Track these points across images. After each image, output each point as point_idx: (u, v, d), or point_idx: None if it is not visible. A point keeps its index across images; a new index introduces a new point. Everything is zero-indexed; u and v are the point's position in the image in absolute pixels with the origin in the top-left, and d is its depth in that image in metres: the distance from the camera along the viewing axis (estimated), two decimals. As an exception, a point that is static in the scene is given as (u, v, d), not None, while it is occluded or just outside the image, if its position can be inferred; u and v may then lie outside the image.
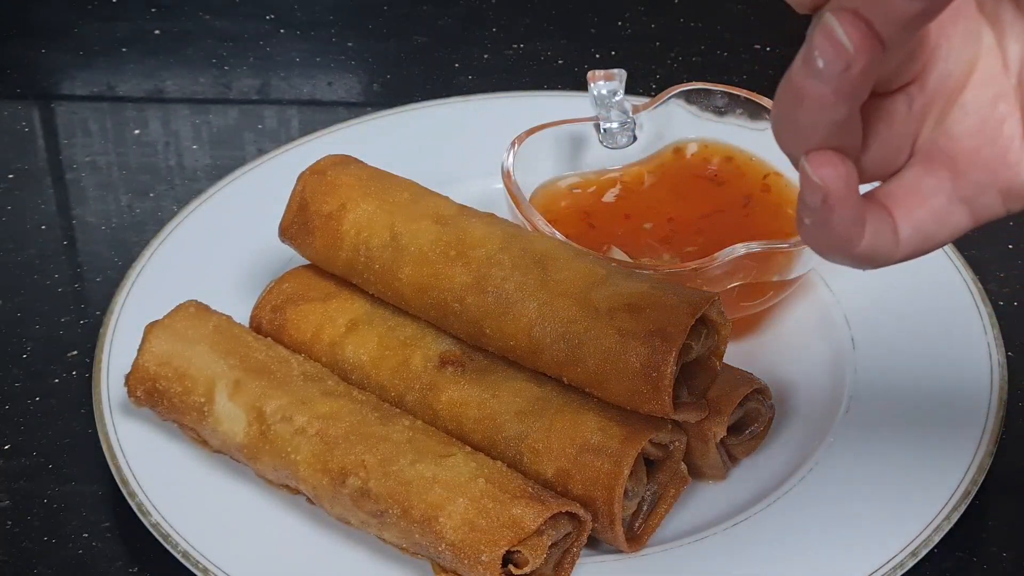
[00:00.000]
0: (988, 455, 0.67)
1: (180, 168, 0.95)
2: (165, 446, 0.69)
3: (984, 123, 0.43)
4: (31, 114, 1.01)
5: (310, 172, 0.74)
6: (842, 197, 0.42)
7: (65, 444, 0.73)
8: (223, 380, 0.68)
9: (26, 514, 0.70)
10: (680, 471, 0.66)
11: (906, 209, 0.44)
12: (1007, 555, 0.67)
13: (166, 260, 0.80)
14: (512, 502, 0.60)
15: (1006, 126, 0.43)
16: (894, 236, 0.44)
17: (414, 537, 0.62)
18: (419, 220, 0.70)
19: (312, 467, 0.64)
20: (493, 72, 1.02)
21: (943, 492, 0.65)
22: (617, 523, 0.62)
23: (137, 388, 0.69)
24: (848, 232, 0.43)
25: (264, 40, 1.07)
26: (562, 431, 0.64)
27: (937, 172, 0.44)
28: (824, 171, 0.42)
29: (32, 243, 0.88)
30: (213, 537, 0.64)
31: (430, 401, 0.67)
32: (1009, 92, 0.43)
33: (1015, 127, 0.43)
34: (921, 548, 0.63)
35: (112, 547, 0.68)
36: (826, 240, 0.43)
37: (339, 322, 0.72)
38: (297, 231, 0.74)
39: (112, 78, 1.04)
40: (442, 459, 0.63)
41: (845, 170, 0.42)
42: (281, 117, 1.01)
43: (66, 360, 0.79)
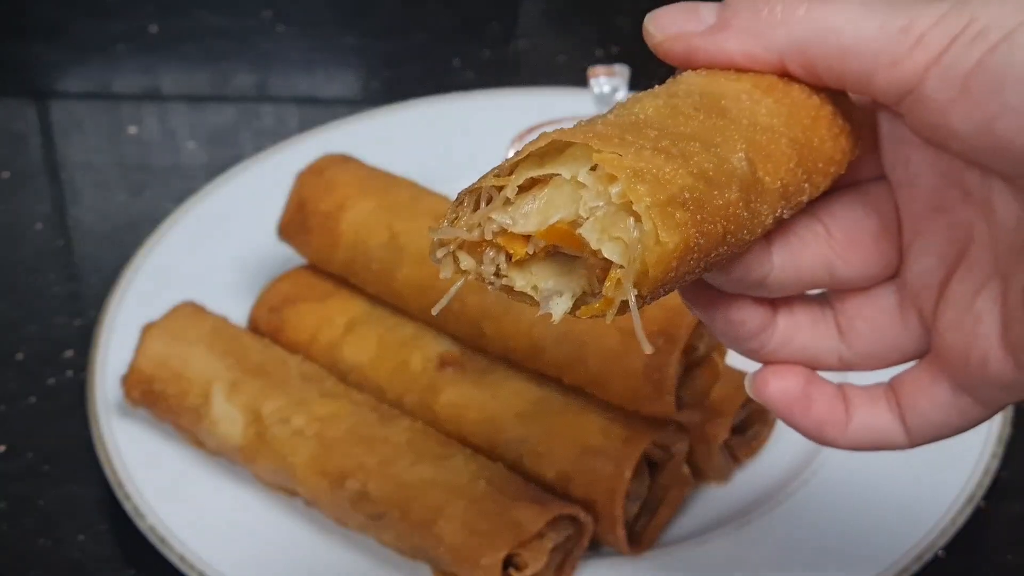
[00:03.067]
0: (994, 457, 0.67)
1: (176, 166, 0.94)
2: (161, 448, 0.69)
3: (962, 319, 0.42)
4: (26, 112, 1.01)
5: (308, 171, 0.74)
6: (783, 409, 0.43)
7: (60, 446, 0.73)
8: (220, 381, 0.67)
9: (21, 517, 0.69)
10: (683, 473, 0.65)
11: (911, 399, 0.43)
12: (1012, 558, 0.66)
13: (162, 259, 0.80)
14: (512, 505, 0.60)
15: (982, 325, 0.41)
16: (899, 425, 0.44)
17: (413, 540, 0.61)
18: (418, 219, 0.70)
19: (310, 469, 0.64)
20: (493, 69, 1.02)
21: (948, 495, 0.65)
22: (619, 526, 0.62)
23: (133, 389, 0.69)
24: (818, 430, 0.44)
25: (262, 37, 1.07)
26: (563, 433, 0.63)
27: (938, 363, 0.43)
28: (759, 392, 0.44)
29: (27, 242, 0.88)
30: (210, 540, 0.64)
31: (429, 402, 0.67)
32: (993, 287, 0.41)
33: (992, 325, 0.41)
34: (926, 551, 0.63)
35: (108, 550, 0.68)
36: (801, 433, 0.44)
37: (337, 322, 0.71)
38: (295, 230, 0.74)
39: (108, 75, 1.04)
40: (442, 461, 0.63)
41: (780, 388, 0.43)
42: (279, 115, 1.00)
43: (61, 361, 0.78)
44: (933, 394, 0.43)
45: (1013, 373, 0.40)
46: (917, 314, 0.43)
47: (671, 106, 0.38)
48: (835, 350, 0.44)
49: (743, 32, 0.39)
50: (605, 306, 0.35)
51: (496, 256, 0.37)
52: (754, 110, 0.39)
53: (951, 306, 0.42)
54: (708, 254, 0.36)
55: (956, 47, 0.37)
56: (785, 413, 0.43)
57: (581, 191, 0.35)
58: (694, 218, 0.35)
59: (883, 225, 0.43)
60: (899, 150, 0.42)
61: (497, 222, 0.36)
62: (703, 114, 0.38)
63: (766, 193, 0.38)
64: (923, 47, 0.37)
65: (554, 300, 0.37)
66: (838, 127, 0.40)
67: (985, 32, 0.36)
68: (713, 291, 0.42)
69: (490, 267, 0.37)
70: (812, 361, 0.44)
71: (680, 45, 0.40)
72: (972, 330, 0.41)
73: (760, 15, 0.39)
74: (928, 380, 0.43)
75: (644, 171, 0.34)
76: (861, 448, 0.44)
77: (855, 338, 0.44)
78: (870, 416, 0.44)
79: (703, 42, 0.40)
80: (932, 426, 0.43)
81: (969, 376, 0.42)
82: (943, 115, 0.37)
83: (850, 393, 0.44)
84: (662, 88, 0.40)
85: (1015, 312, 0.40)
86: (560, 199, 0.35)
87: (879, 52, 0.38)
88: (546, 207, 0.35)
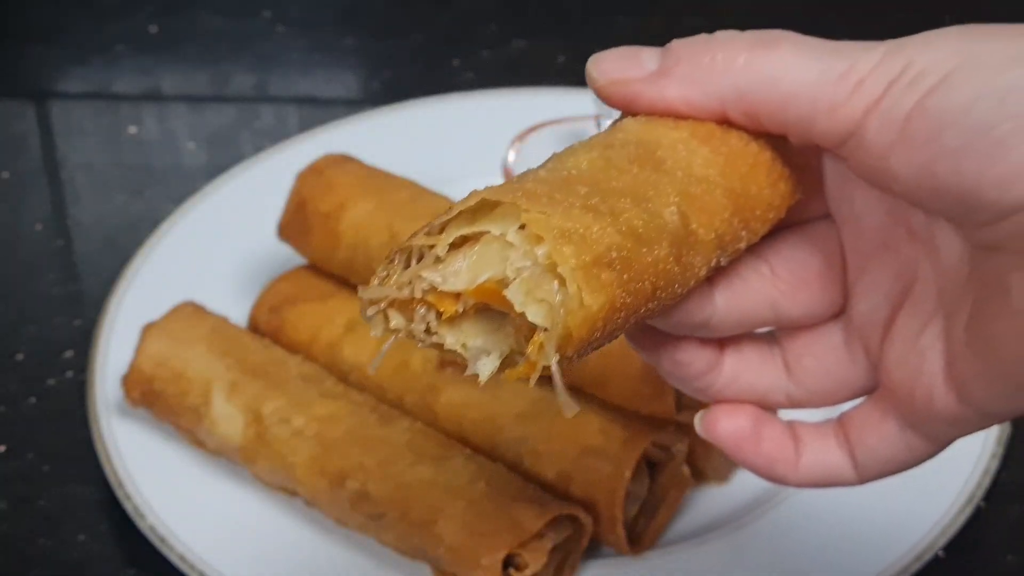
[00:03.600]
0: (993, 457, 0.67)
1: (176, 167, 0.94)
2: (161, 448, 0.69)
3: (907, 357, 0.41)
4: (25, 113, 1.00)
5: (308, 171, 0.74)
6: (734, 448, 0.44)
7: (61, 446, 0.73)
8: (220, 381, 0.67)
9: (22, 517, 0.69)
10: (682, 473, 0.65)
11: (859, 435, 0.43)
12: (1011, 559, 0.66)
13: (162, 260, 0.80)
14: (512, 505, 0.60)
15: (926, 362, 0.41)
16: (849, 461, 0.43)
17: (413, 540, 0.61)
18: (418, 219, 0.70)
19: (310, 469, 0.64)
20: (493, 69, 1.02)
21: (948, 495, 0.65)
22: (619, 526, 0.62)
23: (134, 389, 0.69)
24: (769, 468, 0.44)
25: (261, 37, 1.07)
26: (563, 433, 0.63)
27: (886, 399, 0.43)
28: (709, 431, 0.44)
29: (26, 243, 0.88)
30: (210, 540, 0.64)
31: (429, 402, 0.67)
32: (937, 324, 0.41)
33: (936, 362, 0.41)
34: (926, 551, 0.63)
35: (108, 550, 0.68)
36: (752, 471, 0.44)
37: (337, 322, 0.71)
38: (295, 230, 0.74)
39: (107, 76, 1.04)
40: (441, 461, 0.63)
41: (730, 427, 0.43)
42: (279, 115, 1.00)
43: (62, 361, 0.78)
44: (881, 430, 0.43)
45: (956, 408, 0.40)
46: (864, 351, 0.44)
47: (605, 158, 0.38)
48: (783, 388, 0.44)
49: (684, 80, 0.39)
50: (528, 369, 0.36)
51: (427, 314, 0.36)
52: (690, 160, 0.39)
53: (897, 343, 0.42)
54: (637, 311, 0.36)
55: (894, 91, 0.37)
56: (735, 452, 0.44)
57: (509, 251, 0.35)
58: (620, 278, 0.35)
59: (828, 264, 0.43)
60: (844, 189, 0.42)
61: (427, 280, 0.36)
62: (637, 167, 0.38)
63: (699, 245, 0.38)
64: (862, 92, 0.37)
65: (481, 360, 0.37)
66: (777, 172, 0.41)
67: (922, 76, 0.36)
68: (658, 333, 0.42)
69: (420, 325, 0.37)
70: (761, 399, 0.44)
71: (621, 91, 0.40)
72: (917, 366, 0.41)
73: (701, 63, 0.39)
74: (877, 416, 0.43)
75: (571, 231, 0.34)
76: (812, 485, 0.44)
77: (803, 376, 0.44)
78: (820, 453, 0.44)
79: (644, 88, 0.40)
80: (880, 462, 0.43)
81: (915, 412, 0.42)
82: (883, 159, 0.37)
83: (800, 430, 0.44)
84: (600, 137, 0.40)
85: (958, 349, 0.40)
86: (490, 257, 0.35)
87: (818, 99, 0.38)
88: (476, 265, 0.36)
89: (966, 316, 0.40)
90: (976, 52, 0.36)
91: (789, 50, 0.39)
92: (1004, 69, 0.35)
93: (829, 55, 0.38)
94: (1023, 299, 0.37)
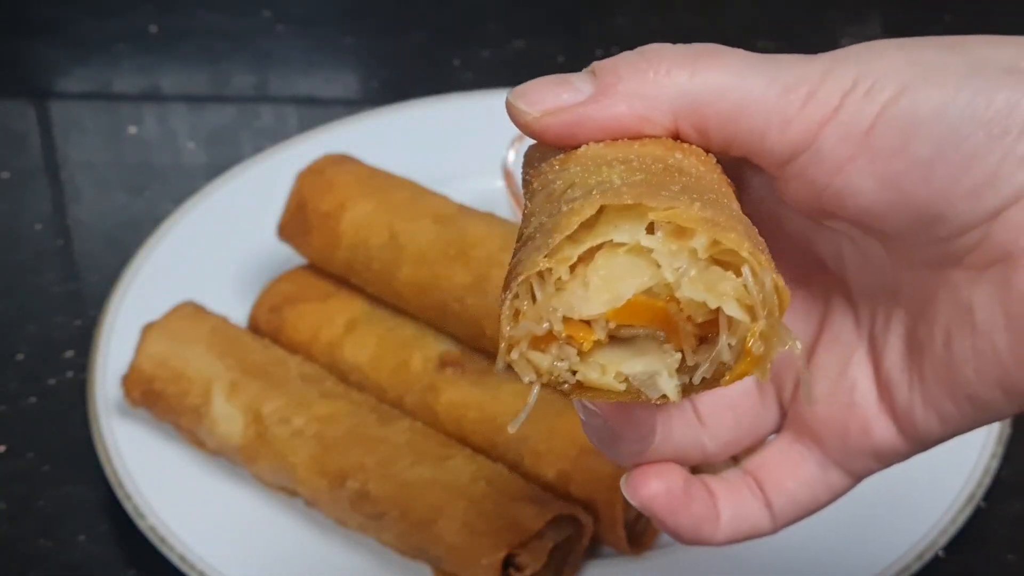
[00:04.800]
0: (993, 457, 0.66)
1: (176, 166, 0.94)
2: (162, 448, 0.69)
3: (835, 390, 0.41)
4: (26, 112, 1.00)
5: (308, 171, 0.74)
6: (667, 512, 0.41)
7: (61, 446, 0.73)
8: (220, 381, 0.67)
9: (22, 517, 0.69)
10: (682, 473, 0.66)
11: (776, 481, 0.42)
12: (1012, 558, 0.66)
13: (162, 259, 0.80)
14: (512, 505, 0.60)
15: (857, 393, 0.40)
16: (766, 510, 0.42)
17: (413, 540, 0.61)
18: (418, 219, 0.70)
19: (310, 469, 0.64)
20: (493, 69, 1.02)
21: (948, 494, 0.65)
22: (619, 526, 0.62)
23: (134, 389, 0.69)
24: (696, 530, 0.41)
25: (261, 37, 1.07)
26: (563, 433, 0.63)
27: (803, 440, 0.42)
28: (640, 495, 0.41)
29: (27, 242, 0.88)
30: (210, 540, 0.64)
31: (430, 402, 0.67)
32: (861, 353, 0.40)
33: (868, 391, 0.40)
34: (926, 551, 0.63)
35: (108, 550, 0.68)
36: (677, 536, 0.41)
37: (338, 322, 0.71)
38: (295, 230, 0.74)
39: (108, 75, 1.04)
40: (442, 461, 0.63)
41: (663, 488, 0.40)
42: (278, 115, 1.00)
43: (62, 361, 0.78)
44: (801, 474, 0.42)
45: (895, 437, 0.40)
46: (776, 393, 0.43)
47: (645, 169, 0.35)
48: (699, 442, 0.42)
49: (632, 96, 0.37)
50: (750, 366, 0.33)
51: (564, 350, 0.33)
52: (684, 164, 0.36)
53: (821, 379, 0.41)
54: None
55: (850, 103, 0.36)
56: (666, 515, 0.41)
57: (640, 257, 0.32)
58: (768, 253, 0.33)
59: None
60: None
61: (561, 310, 0.32)
62: (674, 172, 0.35)
63: None
64: (815, 104, 0.36)
65: (660, 381, 0.34)
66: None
67: (877, 87, 0.35)
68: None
69: (563, 363, 0.33)
70: (681, 457, 0.42)
71: (562, 118, 0.37)
72: (848, 400, 0.40)
73: (646, 78, 0.37)
74: (794, 460, 0.42)
75: (712, 219, 0.32)
76: (732, 541, 0.42)
77: (716, 427, 0.42)
78: (737, 506, 0.42)
79: (590, 111, 0.37)
80: (798, 506, 0.42)
81: (847, 447, 0.41)
82: (838, 173, 0.36)
83: (712, 485, 0.42)
84: (584, 164, 0.36)
85: (894, 375, 0.39)
86: (620, 270, 0.32)
87: (770, 112, 0.36)
88: (610, 282, 0.32)
89: (900, 341, 0.39)
90: (928, 62, 0.35)
91: (733, 62, 0.37)
92: (965, 79, 0.35)
93: (773, 67, 0.37)
94: (987, 316, 0.36)
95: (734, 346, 0.33)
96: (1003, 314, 0.36)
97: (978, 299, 0.36)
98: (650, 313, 0.32)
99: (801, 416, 0.42)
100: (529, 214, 0.36)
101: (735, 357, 0.33)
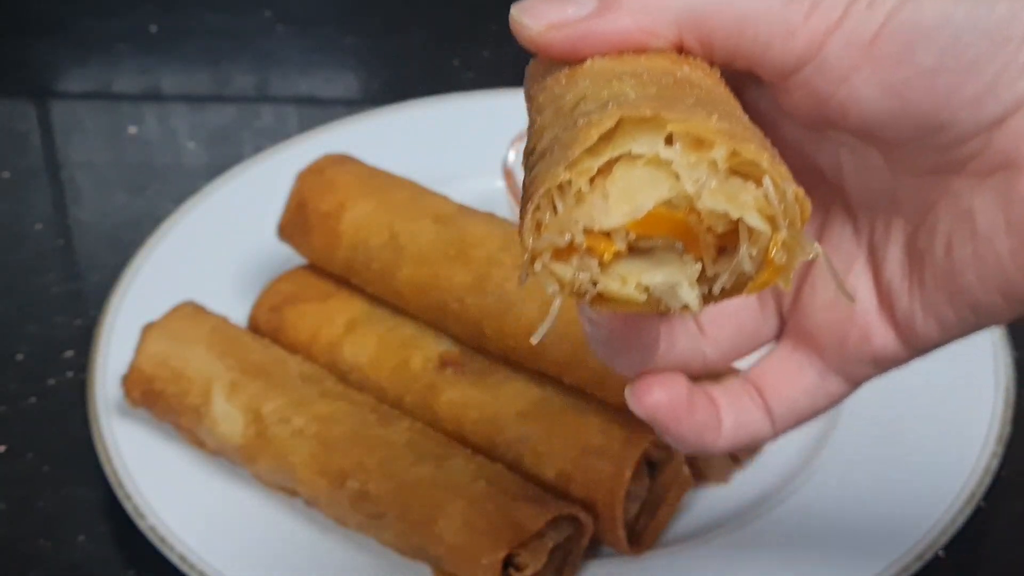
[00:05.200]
0: (994, 456, 0.66)
1: (177, 166, 0.94)
2: (162, 448, 0.69)
3: (835, 299, 0.41)
4: (26, 111, 1.00)
5: (308, 171, 0.74)
6: (671, 420, 0.41)
7: (61, 447, 0.73)
8: (220, 381, 0.67)
9: (21, 518, 0.69)
10: (683, 473, 0.65)
11: (776, 389, 0.43)
12: (1012, 558, 0.66)
13: (163, 259, 0.80)
14: (512, 504, 0.60)
15: (858, 302, 0.41)
16: (766, 416, 0.43)
17: (413, 540, 0.61)
18: (418, 219, 0.70)
19: (310, 469, 0.64)
20: (493, 69, 1.02)
21: (948, 494, 0.65)
22: (619, 526, 0.62)
23: (134, 389, 0.69)
24: (699, 437, 0.42)
25: (262, 37, 1.07)
26: (563, 433, 0.63)
27: (802, 349, 0.43)
28: (644, 403, 0.41)
29: (27, 242, 0.88)
30: (210, 540, 0.64)
31: (429, 402, 0.67)
32: (861, 262, 0.41)
33: (868, 299, 0.41)
34: (926, 550, 0.62)
35: (108, 551, 0.68)
36: (681, 443, 0.42)
37: (338, 322, 0.71)
38: (295, 230, 0.74)
39: (108, 75, 1.04)
40: (442, 461, 0.63)
41: (667, 396, 0.41)
42: (279, 115, 1.00)
43: (62, 361, 0.78)
44: (800, 381, 0.43)
45: (895, 345, 0.41)
46: (775, 304, 0.44)
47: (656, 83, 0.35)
48: (700, 351, 0.43)
49: (636, 10, 0.37)
50: (772, 275, 0.33)
51: (585, 261, 0.33)
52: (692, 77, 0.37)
53: (820, 288, 0.42)
54: None
55: (855, 11, 0.36)
56: (670, 424, 0.42)
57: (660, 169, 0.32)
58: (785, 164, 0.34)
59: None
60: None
61: (583, 222, 0.33)
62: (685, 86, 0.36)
63: None
64: (820, 14, 0.36)
65: (681, 291, 0.34)
66: None
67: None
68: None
69: (584, 275, 0.34)
70: (683, 367, 0.43)
71: (565, 32, 0.37)
72: (848, 307, 0.41)
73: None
74: (794, 367, 0.43)
75: (729, 131, 0.33)
76: (732, 448, 0.43)
77: (716, 336, 0.43)
78: (739, 413, 0.43)
79: (594, 25, 0.37)
80: (797, 413, 0.43)
81: (846, 355, 0.42)
82: (843, 83, 0.37)
83: (714, 393, 0.43)
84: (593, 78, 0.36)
85: (895, 283, 0.40)
86: (639, 182, 0.33)
87: (774, 22, 0.37)
88: (628, 194, 0.33)
89: (900, 250, 0.40)
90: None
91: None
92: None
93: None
94: (988, 222, 0.37)
95: (755, 256, 0.33)
96: (1005, 220, 0.37)
97: (980, 206, 0.37)
98: (670, 224, 0.33)
99: (800, 325, 0.43)
100: (540, 128, 0.36)
101: (756, 267, 0.34)
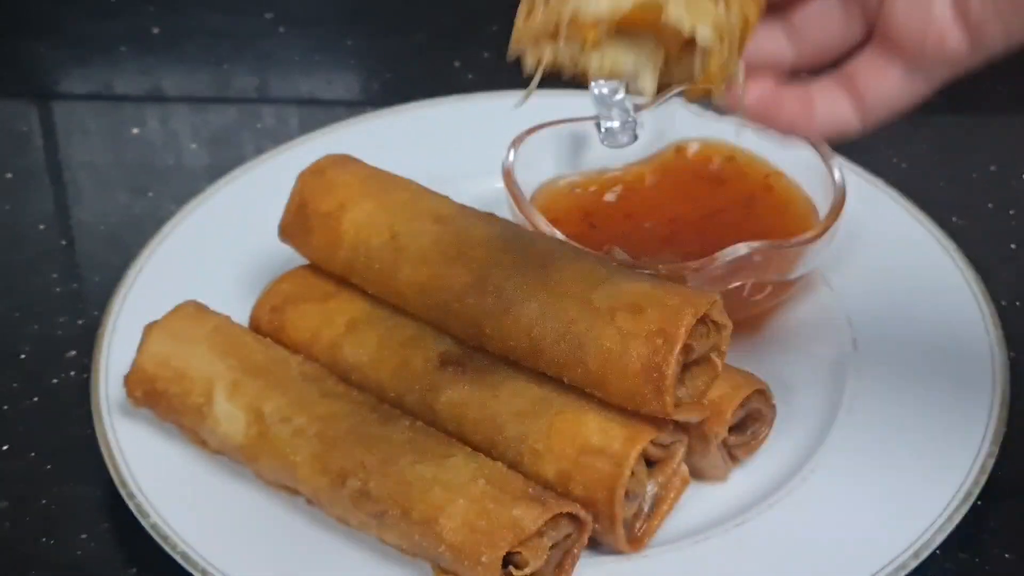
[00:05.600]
0: (990, 456, 0.67)
1: (179, 167, 0.94)
2: (164, 447, 0.69)
3: (915, 5, 0.46)
4: (28, 113, 1.01)
5: (309, 171, 0.74)
6: (759, 112, 0.49)
7: (63, 445, 0.73)
8: (222, 381, 0.67)
9: (24, 516, 0.70)
10: (681, 472, 0.66)
11: (867, 82, 0.49)
12: (1009, 556, 0.66)
13: (165, 260, 0.80)
14: (512, 503, 0.60)
15: (936, 7, 0.46)
16: (854, 110, 0.49)
17: (414, 538, 0.61)
18: (419, 220, 0.70)
19: (311, 468, 0.64)
20: (494, 70, 1.02)
21: (945, 493, 0.65)
22: (618, 524, 0.62)
23: (136, 389, 0.69)
24: (790, 126, 0.49)
25: (263, 38, 1.07)
26: (563, 432, 0.63)
27: (889, 50, 0.48)
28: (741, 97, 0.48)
29: (30, 243, 0.88)
30: (212, 538, 0.64)
31: (430, 402, 0.67)
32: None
33: (945, 8, 0.46)
34: (923, 549, 0.63)
35: (111, 549, 0.68)
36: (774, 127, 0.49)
37: (338, 322, 0.71)
38: (296, 230, 0.74)
39: (110, 77, 1.04)
40: (442, 460, 0.63)
41: (758, 88, 0.48)
42: (280, 116, 1.00)
43: (64, 361, 0.78)
44: (888, 77, 0.48)
45: (966, 48, 0.46)
46: (860, 7, 0.49)
47: None
48: (786, 52, 0.49)
49: None
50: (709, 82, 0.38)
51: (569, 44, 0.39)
52: None
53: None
54: None
55: None
56: (761, 114, 0.49)
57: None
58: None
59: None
60: None
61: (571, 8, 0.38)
62: None
63: None
64: None
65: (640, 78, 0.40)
66: None
67: None
68: None
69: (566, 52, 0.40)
70: (773, 65, 0.49)
71: None
72: (926, 14, 0.46)
73: None
74: (882, 65, 0.48)
75: None
76: (823, 136, 0.50)
77: (803, 39, 0.49)
78: (831, 104, 0.49)
79: None
80: (886, 105, 0.49)
81: (924, 56, 0.47)
82: None
83: (810, 88, 0.49)
84: None
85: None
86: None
87: None
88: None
89: None
90: None
91: None
92: None
93: None
94: None
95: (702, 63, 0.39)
96: None
97: None
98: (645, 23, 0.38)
99: (885, 27, 0.48)
100: None
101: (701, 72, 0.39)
